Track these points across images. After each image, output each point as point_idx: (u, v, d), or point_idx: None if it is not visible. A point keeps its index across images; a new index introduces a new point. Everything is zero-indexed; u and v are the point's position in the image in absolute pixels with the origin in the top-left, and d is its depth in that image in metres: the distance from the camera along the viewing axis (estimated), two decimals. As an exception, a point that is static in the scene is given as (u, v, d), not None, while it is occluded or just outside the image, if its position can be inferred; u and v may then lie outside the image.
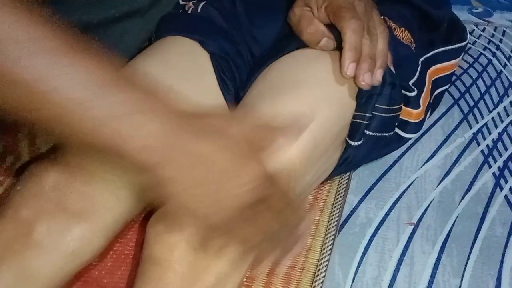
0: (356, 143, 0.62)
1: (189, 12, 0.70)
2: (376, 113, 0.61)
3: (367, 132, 0.62)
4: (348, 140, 0.62)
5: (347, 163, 0.64)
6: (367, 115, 0.60)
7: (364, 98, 0.59)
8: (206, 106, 0.54)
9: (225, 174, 0.41)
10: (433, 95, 0.74)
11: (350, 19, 0.56)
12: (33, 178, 0.53)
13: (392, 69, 0.62)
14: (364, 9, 0.58)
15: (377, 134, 0.63)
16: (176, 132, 0.40)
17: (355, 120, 0.60)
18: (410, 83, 0.67)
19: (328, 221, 0.71)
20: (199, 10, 0.69)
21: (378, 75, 0.57)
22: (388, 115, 0.62)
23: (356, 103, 0.60)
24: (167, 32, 0.67)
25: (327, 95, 0.58)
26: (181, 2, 0.73)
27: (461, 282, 0.66)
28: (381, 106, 0.61)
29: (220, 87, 0.65)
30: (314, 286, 0.62)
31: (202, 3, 0.70)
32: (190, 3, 0.71)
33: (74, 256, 0.52)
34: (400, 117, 0.66)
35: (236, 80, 0.65)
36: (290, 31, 0.63)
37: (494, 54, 1.10)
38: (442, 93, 0.77)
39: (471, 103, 0.96)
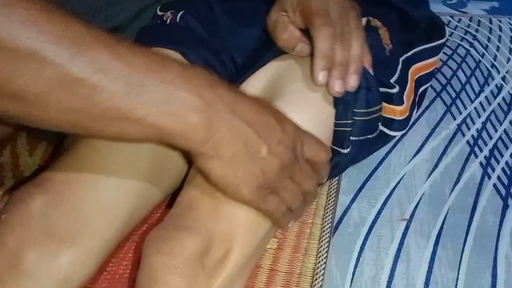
0: (345, 151, 0.61)
1: (168, 22, 0.69)
2: (356, 118, 0.61)
3: (351, 138, 0.62)
4: (337, 148, 0.61)
5: (337, 169, 0.64)
6: (349, 121, 0.60)
7: (340, 105, 0.58)
8: None
9: (262, 137, 0.45)
10: (418, 94, 0.74)
11: (320, 26, 0.55)
12: (19, 204, 0.52)
13: (371, 71, 0.62)
14: (339, 14, 0.57)
15: (361, 138, 0.63)
16: (212, 104, 0.42)
17: (338, 128, 0.60)
18: (391, 81, 0.67)
19: (322, 224, 0.70)
20: (178, 20, 0.69)
21: (352, 81, 0.56)
22: (368, 117, 0.62)
23: (335, 112, 0.59)
24: (147, 44, 0.66)
25: (303, 108, 0.57)
26: (159, 13, 0.72)
27: (458, 274, 0.66)
28: (359, 111, 0.60)
29: None
30: (313, 291, 0.62)
31: (180, 13, 0.69)
32: (168, 13, 0.70)
33: (67, 282, 0.51)
34: (385, 115, 0.66)
35: None
36: (268, 37, 0.63)
37: (471, 45, 1.11)
38: (425, 90, 0.78)
39: (453, 95, 0.97)
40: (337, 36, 0.55)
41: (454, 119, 0.92)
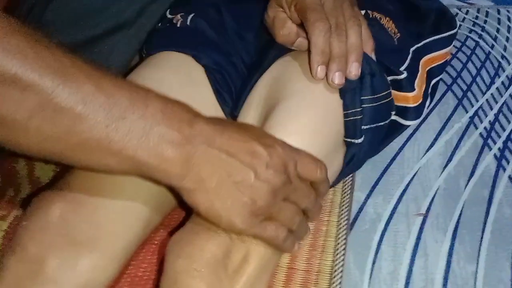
0: (359, 141, 0.61)
1: (178, 25, 0.69)
2: (364, 105, 0.61)
3: (363, 127, 0.62)
4: (350, 140, 0.61)
5: (354, 162, 0.64)
6: (358, 109, 0.60)
7: (347, 95, 0.59)
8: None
9: (247, 164, 0.44)
10: (430, 85, 0.74)
11: (315, 22, 0.55)
12: (39, 211, 0.52)
13: (373, 56, 0.62)
14: (333, 5, 0.57)
15: (372, 125, 0.63)
16: (191, 139, 0.42)
17: (349, 119, 0.60)
18: (401, 69, 0.67)
19: (338, 221, 0.70)
20: (188, 23, 0.69)
21: (354, 69, 0.57)
22: (377, 103, 0.62)
23: (343, 102, 0.59)
24: (158, 47, 0.67)
25: (310, 104, 0.58)
26: (169, 16, 0.72)
27: (477, 267, 0.66)
28: (366, 98, 0.60)
29: (218, 101, 0.64)
30: (333, 288, 0.62)
31: (191, 16, 0.69)
32: (178, 16, 0.70)
33: (88, 287, 0.51)
34: (398, 104, 0.66)
35: (232, 92, 0.65)
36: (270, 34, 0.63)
37: (480, 36, 1.11)
38: (437, 82, 0.78)
39: (464, 87, 0.97)
40: (332, 29, 0.56)
41: (466, 112, 0.91)
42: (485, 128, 0.88)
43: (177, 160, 0.42)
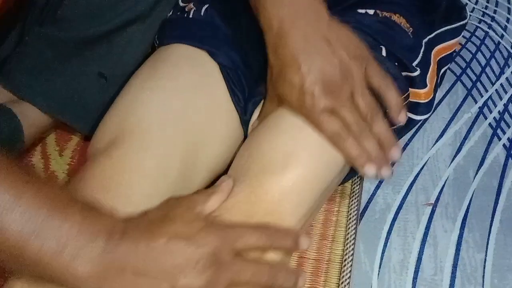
0: None
1: (191, 15, 0.68)
2: (386, 110, 0.61)
3: None
4: None
5: None
6: None
7: None
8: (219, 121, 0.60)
9: (162, 279, 0.42)
10: (439, 75, 0.74)
11: (327, 131, 0.53)
12: None
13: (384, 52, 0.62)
14: (340, 76, 0.53)
15: (392, 127, 0.63)
16: (105, 257, 0.42)
17: None
18: (413, 64, 0.67)
19: (348, 211, 0.71)
20: (202, 14, 0.67)
21: (396, 155, 0.55)
22: None
23: None
24: (171, 39, 0.66)
25: None
26: (181, 4, 0.71)
27: (486, 255, 0.67)
28: None
29: (232, 101, 0.63)
30: (343, 276, 0.63)
31: (205, 6, 0.68)
32: (191, 5, 0.69)
33: None
34: (410, 100, 0.66)
35: (245, 92, 0.65)
36: None
37: (490, 26, 1.11)
38: (445, 71, 0.78)
39: (473, 78, 0.97)
40: (350, 123, 0.53)
41: (476, 102, 0.92)
42: (494, 118, 0.88)
43: (90, 278, 0.42)
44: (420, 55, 0.68)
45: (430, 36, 0.72)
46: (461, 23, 0.77)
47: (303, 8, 0.54)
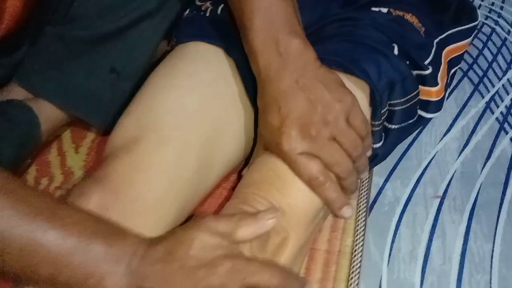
0: (378, 145, 0.64)
1: (208, 14, 0.69)
2: (396, 108, 0.62)
3: (393, 127, 0.64)
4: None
5: (378, 159, 0.66)
6: (377, 122, 0.62)
7: (376, 97, 0.61)
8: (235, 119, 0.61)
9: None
10: (449, 75, 0.75)
11: (296, 165, 0.53)
12: (78, 199, 0.54)
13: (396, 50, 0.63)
14: (320, 119, 0.53)
15: (403, 124, 0.65)
16: (132, 276, 0.46)
17: (375, 129, 0.62)
18: (425, 63, 0.68)
19: (358, 204, 0.73)
20: (219, 12, 0.69)
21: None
22: (408, 104, 0.64)
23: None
24: (188, 37, 0.67)
25: None
26: (198, 3, 0.72)
27: (493, 246, 0.68)
28: (398, 101, 0.62)
29: (247, 96, 0.64)
30: (353, 267, 0.65)
31: (222, 5, 0.69)
32: (208, 4, 0.70)
33: None
34: (421, 97, 0.67)
35: None
36: None
37: (496, 23, 1.12)
38: (455, 72, 0.79)
39: (480, 73, 0.98)
40: (323, 172, 0.54)
41: (482, 97, 0.93)
42: (501, 112, 0.89)
43: None
44: (432, 54, 0.70)
45: (441, 37, 0.73)
46: (472, 24, 0.78)
47: (292, 57, 0.54)
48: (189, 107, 0.60)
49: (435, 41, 0.72)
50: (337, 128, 0.53)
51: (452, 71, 0.78)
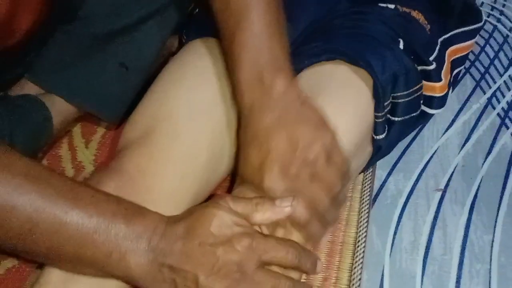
0: (380, 136, 0.65)
1: None
2: (399, 100, 0.63)
3: (396, 119, 0.66)
4: (376, 136, 0.65)
5: (381, 152, 0.68)
6: (383, 113, 0.64)
7: (379, 89, 0.62)
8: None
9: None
10: (453, 75, 0.77)
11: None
12: (96, 185, 0.56)
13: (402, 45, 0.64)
14: (301, 157, 0.52)
15: (406, 117, 0.66)
16: (153, 252, 0.47)
17: (378, 120, 0.64)
18: (430, 59, 0.70)
19: (361, 197, 0.75)
20: None
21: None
22: (411, 97, 0.65)
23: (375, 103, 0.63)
24: (198, 34, 0.69)
25: (345, 108, 0.61)
26: None
27: (493, 237, 0.70)
28: (401, 93, 0.63)
29: None
30: (356, 257, 0.67)
31: None
32: None
33: None
34: (425, 93, 0.69)
35: None
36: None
37: (498, 20, 1.13)
38: (459, 72, 0.80)
39: (482, 70, 1.00)
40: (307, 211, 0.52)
41: (484, 93, 0.94)
42: (502, 108, 0.91)
43: (137, 273, 0.48)
44: (436, 51, 0.71)
45: (445, 36, 0.75)
46: (477, 25, 0.79)
47: (276, 95, 0.54)
48: (200, 100, 0.62)
49: (439, 39, 0.73)
50: (316, 167, 0.52)
51: (456, 71, 0.79)
